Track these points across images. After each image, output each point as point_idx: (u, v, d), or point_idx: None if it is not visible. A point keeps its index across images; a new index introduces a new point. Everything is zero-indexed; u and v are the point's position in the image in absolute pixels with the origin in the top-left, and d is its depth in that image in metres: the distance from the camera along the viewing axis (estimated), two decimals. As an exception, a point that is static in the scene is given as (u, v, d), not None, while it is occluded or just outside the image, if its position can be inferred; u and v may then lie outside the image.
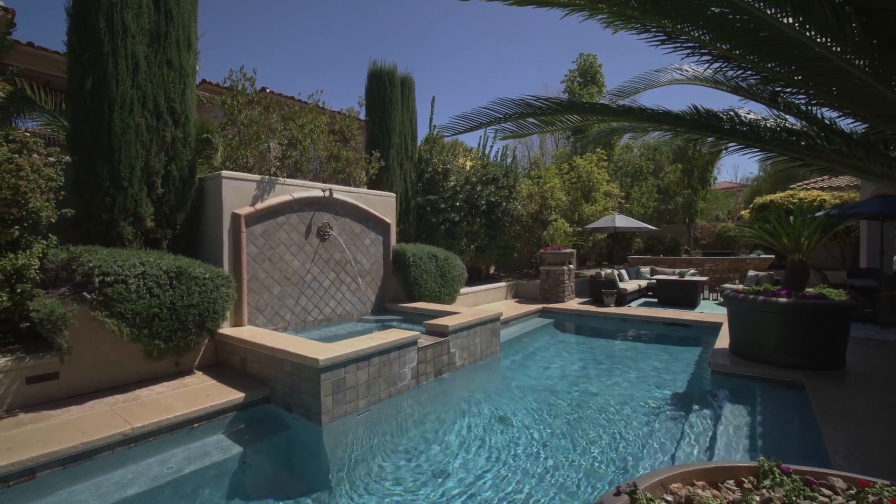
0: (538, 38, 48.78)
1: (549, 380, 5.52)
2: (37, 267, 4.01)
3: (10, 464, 2.86)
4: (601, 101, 3.82)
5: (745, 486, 1.33)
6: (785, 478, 1.35)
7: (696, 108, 3.27)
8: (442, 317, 6.13)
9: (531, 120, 3.51)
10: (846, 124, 3.18)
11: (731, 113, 3.22)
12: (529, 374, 5.83)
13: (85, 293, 3.95)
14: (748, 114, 3.47)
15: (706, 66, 3.12)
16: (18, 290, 3.88)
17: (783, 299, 4.99)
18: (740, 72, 3.02)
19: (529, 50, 50.32)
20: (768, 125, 3.22)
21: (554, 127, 3.65)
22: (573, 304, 10.31)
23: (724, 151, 17.64)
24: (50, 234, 4.28)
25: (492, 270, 13.34)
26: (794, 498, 1.27)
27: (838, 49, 2.31)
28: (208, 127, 6.36)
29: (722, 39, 2.73)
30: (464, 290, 9.23)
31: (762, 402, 4.31)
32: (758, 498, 1.27)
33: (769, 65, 2.76)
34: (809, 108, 3.15)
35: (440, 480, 3.15)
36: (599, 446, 3.66)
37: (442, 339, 5.49)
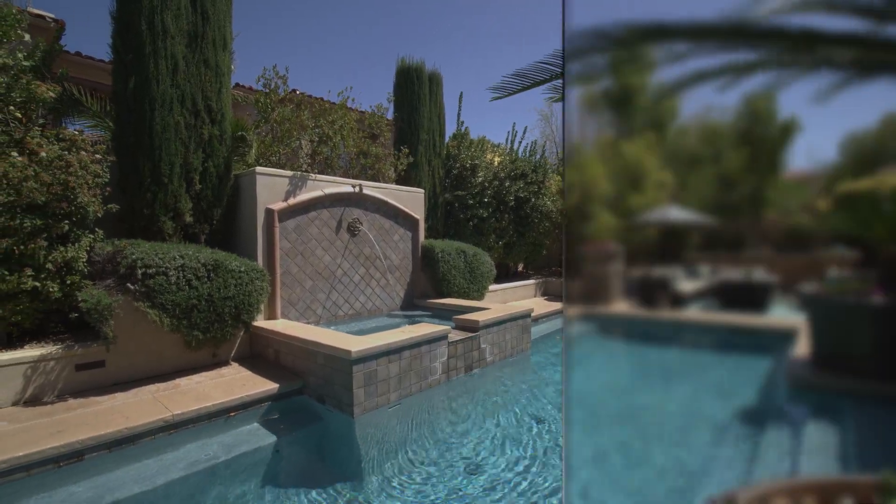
0: (558, 38, 47.64)
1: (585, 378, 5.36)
2: (85, 259, 4.18)
3: (61, 445, 2.98)
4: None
5: None
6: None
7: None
8: (471, 312, 6.05)
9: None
10: None
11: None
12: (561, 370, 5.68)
13: (129, 284, 4.10)
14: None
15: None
16: (68, 282, 4.06)
17: (880, 299, 4.64)
18: None
19: (549, 51, 49.36)
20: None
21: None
22: (618, 305, 10.00)
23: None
24: (97, 229, 4.47)
25: (520, 268, 13.15)
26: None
27: None
28: (243, 125, 6.52)
29: None
30: (492, 287, 9.11)
31: (853, 419, 4.02)
32: (883, 515, 1.13)
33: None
34: None
35: (472, 476, 3.08)
36: (653, 460, 3.50)
37: (472, 335, 5.42)
